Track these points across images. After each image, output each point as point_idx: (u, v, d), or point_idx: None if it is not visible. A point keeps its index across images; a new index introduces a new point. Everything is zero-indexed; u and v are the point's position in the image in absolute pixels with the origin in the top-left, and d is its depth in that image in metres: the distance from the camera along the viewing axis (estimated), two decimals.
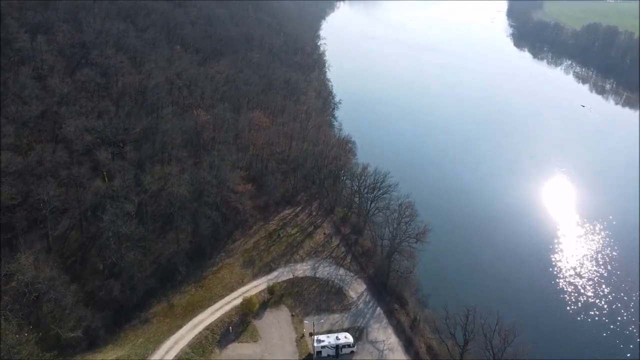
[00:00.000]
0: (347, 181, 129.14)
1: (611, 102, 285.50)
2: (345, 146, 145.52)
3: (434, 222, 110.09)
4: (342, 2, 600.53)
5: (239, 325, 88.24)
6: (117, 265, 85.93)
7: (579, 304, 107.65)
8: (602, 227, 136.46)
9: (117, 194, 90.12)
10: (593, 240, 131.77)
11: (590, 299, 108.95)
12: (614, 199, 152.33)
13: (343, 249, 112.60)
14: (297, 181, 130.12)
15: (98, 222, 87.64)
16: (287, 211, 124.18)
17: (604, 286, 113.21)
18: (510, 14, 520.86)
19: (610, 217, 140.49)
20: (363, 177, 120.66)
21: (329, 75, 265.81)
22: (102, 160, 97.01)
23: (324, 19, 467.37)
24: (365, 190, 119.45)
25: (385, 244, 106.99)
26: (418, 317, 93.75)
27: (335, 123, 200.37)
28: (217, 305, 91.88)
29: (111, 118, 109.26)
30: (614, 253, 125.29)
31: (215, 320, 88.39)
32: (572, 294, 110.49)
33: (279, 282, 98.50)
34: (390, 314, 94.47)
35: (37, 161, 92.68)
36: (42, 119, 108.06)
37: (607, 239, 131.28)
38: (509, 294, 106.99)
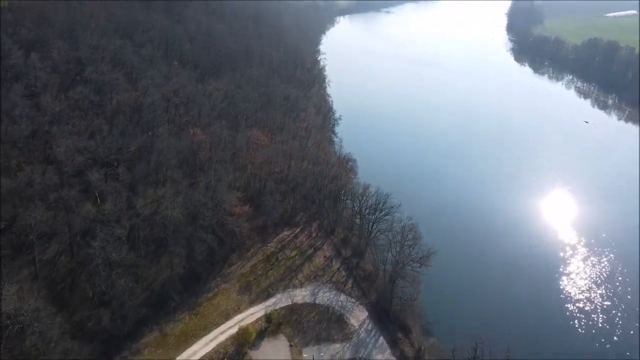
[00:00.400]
0: (348, 201, 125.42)
1: (614, 117, 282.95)
2: (346, 165, 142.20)
3: (438, 242, 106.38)
4: (342, 17, 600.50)
5: (235, 356, 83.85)
6: (107, 293, 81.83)
7: (593, 331, 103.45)
8: (610, 244, 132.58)
9: (108, 218, 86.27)
10: (602, 259, 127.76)
11: (604, 327, 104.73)
12: (616, 214, 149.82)
13: (344, 273, 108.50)
14: (297, 201, 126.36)
15: (88, 248, 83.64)
16: (285, 232, 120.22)
17: (613, 310, 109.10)
18: (510, 28, 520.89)
19: (613, 233, 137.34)
20: (364, 198, 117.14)
21: (329, 90, 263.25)
22: (94, 181, 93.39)
23: (324, 33, 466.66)
24: (367, 211, 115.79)
25: (387, 268, 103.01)
26: (423, 348, 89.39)
27: (336, 139, 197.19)
28: (211, 335, 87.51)
29: (104, 137, 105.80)
30: (624, 270, 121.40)
31: (209, 351, 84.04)
32: (584, 319, 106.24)
33: (277, 309, 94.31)
34: (393, 344, 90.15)
35: (25, 183, 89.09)
36: (32, 138, 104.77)
37: (613, 257, 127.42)
38: (517, 319, 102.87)
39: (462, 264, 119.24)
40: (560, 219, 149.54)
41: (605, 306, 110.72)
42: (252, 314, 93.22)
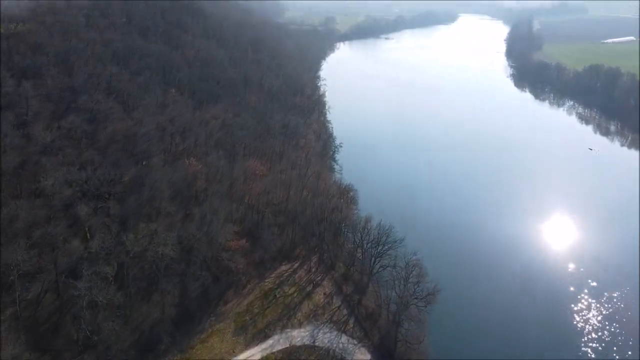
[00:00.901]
0: (349, 234, 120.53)
1: (617, 143, 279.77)
2: (347, 195, 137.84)
3: (444, 277, 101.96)
4: (342, 43, 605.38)
5: None
6: (92, 337, 76.47)
7: None
8: (613, 270, 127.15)
9: (95, 256, 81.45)
10: (607, 291, 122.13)
11: None
12: (619, 240, 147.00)
13: (345, 311, 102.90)
14: (296, 233, 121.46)
15: (73, 288, 78.57)
16: (284, 267, 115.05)
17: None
18: (510, 54, 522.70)
19: (618, 260, 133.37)
20: (366, 231, 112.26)
21: (329, 116, 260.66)
22: (82, 216, 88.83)
23: (324, 59, 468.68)
24: (369, 245, 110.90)
25: (391, 306, 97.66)
26: None
27: (336, 166, 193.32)
28: None
29: (95, 169, 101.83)
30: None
31: None
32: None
33: (274, 352, 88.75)
34: None
35: (9, 219, 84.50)
36: (21, 170, 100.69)
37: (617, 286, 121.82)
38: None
39: (470, 300, 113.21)
40: (566, 246, 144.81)
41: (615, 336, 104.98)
42: (248, 358, 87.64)
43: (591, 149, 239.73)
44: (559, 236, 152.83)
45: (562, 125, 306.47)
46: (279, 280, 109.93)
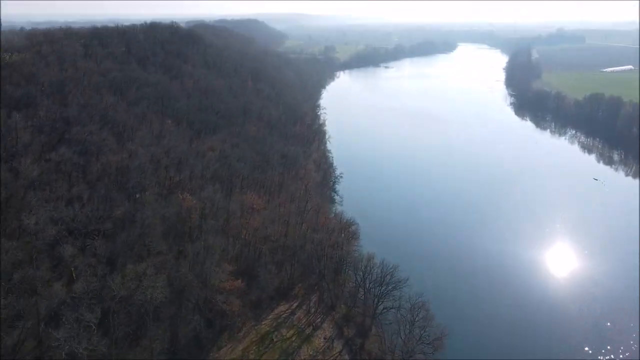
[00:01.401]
0: (351, 272, 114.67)
1: (621, 173, 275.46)
2: (348, 229, 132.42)
3: (450, 318, 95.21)
4: (342, 72, 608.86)
5: None
6: None
7: None
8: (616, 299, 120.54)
9: (78, 301, 75.73)
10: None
11: None
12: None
13: (347, 357, 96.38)
14: (294, 271, 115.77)
15: (53, 340, 72.62)
16: (282, 307, 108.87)
17: None
18: (509, 83, 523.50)
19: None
20: (368, 269, 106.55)
21: (329, 146, 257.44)
22: (66, 257, 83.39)
23: (324, 87, 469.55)
24: (371, 285, 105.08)
25: (396, 353, 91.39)
26: None
27: (337, 197, 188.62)
28: None
29: (84, 204, 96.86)
30: None
31: None
32: None
33: None
34: None
35: None
36: (6, 206, 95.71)
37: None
38: None
39: (480, 344, 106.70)
40: (576, 276, 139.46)
41: None
42: None
43: (596, 179, 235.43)
44: (570, 267, 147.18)
45: (565, 154, 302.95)
46: (276, 322, 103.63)
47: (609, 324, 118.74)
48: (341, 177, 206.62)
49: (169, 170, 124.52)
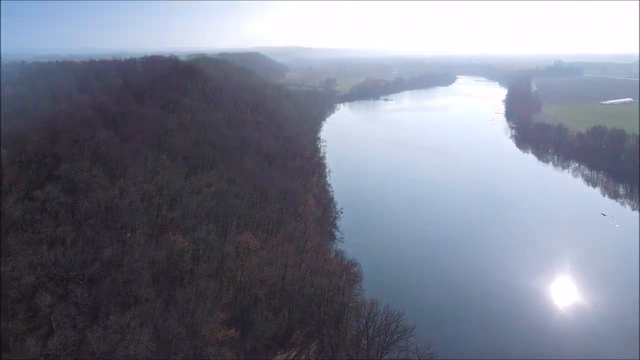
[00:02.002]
0: (353, 319, 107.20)
1: (627, 207, 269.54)
2: (350, 270, 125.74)
3: None
4: (342, 104, 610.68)
5: None
6: None
7: None
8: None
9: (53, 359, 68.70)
10: None
11: None
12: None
13: None
14: (292, 315, 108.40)
15: None
16: (279, 357, 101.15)
17: None
18: (509, 115, 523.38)
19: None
20: (372, 316, 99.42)
21: (330, 179, 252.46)
22: (43, 307, 76.69)
23: (325, 120, 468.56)
24: (375, 333, 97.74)
25: None
26: None
27: (337, 233, 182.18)
28: None
29: (68, 247, 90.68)
30: None
31: None
32: None
33: None
34: None
35: None
36: None
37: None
38: None
39: None
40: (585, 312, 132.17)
41: None
42: None
43: (604, 214, 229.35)
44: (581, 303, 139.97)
45: (568, 187, 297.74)
46: None
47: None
48: (342, 212, 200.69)
49: (162, 209, 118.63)
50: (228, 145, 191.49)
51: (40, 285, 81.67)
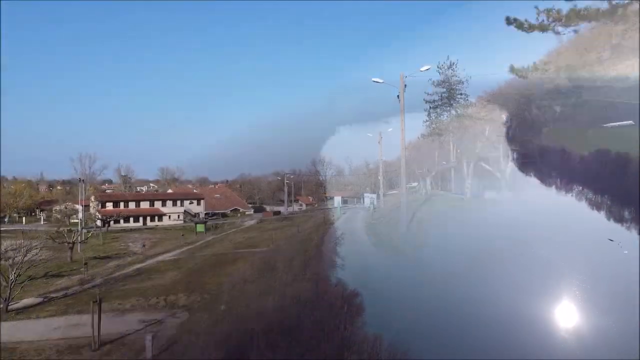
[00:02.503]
0: (354, 357, 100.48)
1: (633, 231, 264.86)
2: (351, 301, 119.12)
3: None
4: (341, 127, 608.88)
5: None
6: None
7: None
8: None
9: None
10: None
11: None
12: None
13: None
14: (291, 353, 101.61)
15: None
16: None
17: None
18: (508, 139, 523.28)
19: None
20: (375, 351, 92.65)
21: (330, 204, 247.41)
22: None
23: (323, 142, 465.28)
24: None
25: None
26: None
27: (338, 260, 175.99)
28: None
29: None
30: None
31: None
32: None
33: None
34: None
35: None
36: None
37: None
38: None
39: None
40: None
41: None
42: None
43: (611, 240, 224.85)
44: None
45: (573, 211, 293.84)
46: None
47: None
48: (342, 238, 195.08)
49: None
50: None
51: None
